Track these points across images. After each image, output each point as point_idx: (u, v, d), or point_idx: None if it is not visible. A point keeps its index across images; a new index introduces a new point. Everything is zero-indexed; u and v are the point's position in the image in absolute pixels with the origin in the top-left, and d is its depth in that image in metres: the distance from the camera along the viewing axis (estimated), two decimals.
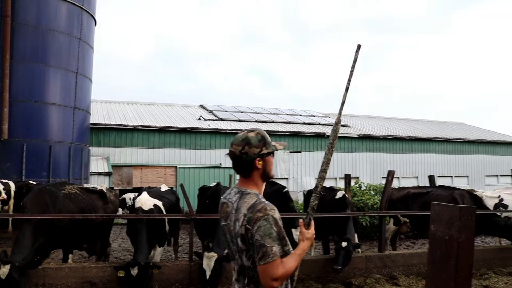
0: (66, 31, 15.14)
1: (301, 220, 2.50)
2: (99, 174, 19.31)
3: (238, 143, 2.47)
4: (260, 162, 2.45)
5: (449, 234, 1.40)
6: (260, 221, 2.24)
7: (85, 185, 8.45)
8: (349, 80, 2.56)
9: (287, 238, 2.35)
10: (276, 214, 2.29)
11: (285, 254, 2.29)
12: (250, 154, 2.44)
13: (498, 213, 9.33)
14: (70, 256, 7.26)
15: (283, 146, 2.60)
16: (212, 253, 6.61)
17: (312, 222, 2.51)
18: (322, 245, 9.40)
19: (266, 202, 2.35)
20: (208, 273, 6.52)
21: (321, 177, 2.55)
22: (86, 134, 17.14)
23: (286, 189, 9.23)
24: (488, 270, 8.41)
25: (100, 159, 20.35)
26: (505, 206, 9.66)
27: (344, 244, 7.28)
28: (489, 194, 10.56)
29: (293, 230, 7.56)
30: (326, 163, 2.58)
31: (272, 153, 2.51)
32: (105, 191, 8.16)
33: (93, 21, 17.03)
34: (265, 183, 2.57)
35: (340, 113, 2.61)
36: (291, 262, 2.28)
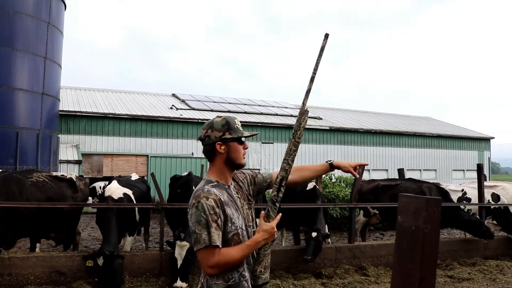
0: (34, 14, 14.71)
1: (262, 212, 2.44)
2: (68, 162, 18.95)
3: (204, 127, 2.47)
4: (223, 147, 2.41)
5: (416, 225, 1.43)
6: (192, 208, 2.26)
7: (54, 173, 8.26)
8: (315, 69, 2.44)
9: (229, 231, 2.31)
10: (208, 202, 2.24)
11: (211, 244, 2.21)
12: (211, 137, 2.41)
13: (462, 207, 9.61)
14: (38, 245, 7.13)
15: (252, 134, 2.55)
16: (184, 243, 6.61)
17: (276, 216, 2.42)
18: (292, 236, 9.49)
19: (206, 188, 2.31)
20: (179, 262, 6.52)
21: (283, 168, 2.43)
22: (55, 121, 16.77)
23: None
24: (453, 261, 8.66)
25: (69, 147, 19.97)
26: (468, 200, 9.95)
27: (314, 234, 7.36)
28: (453, 188, 10.87)
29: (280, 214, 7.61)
30: (288, 154, 2.45)
31: (238, 140, 2.43)
32: (75, 179, 8.01)
33: (62, 5, 16.60)
34: (233, 171, 2.51)
35: (304, 103, 2.46)
36: (233, 252, 2.26)
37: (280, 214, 2.48)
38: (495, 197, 10.00)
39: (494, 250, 9.40)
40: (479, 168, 9.74)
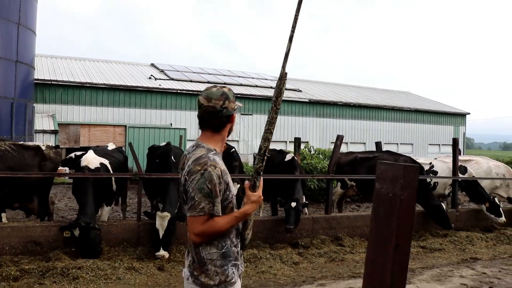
0: None
1: (247, 182, 2.46)
2: (44, 132, 18.61)
3: (217, 97, 2.40)
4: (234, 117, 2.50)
5: (393, 191, 1.44)
6: (196, 174, 2.24)
7: (22, 142, 7.96)
8: (293, 28, 2.32)
9: (226, 199, 2.36)
10: (216, 172, 2.26)
11: (214, 213, 2.25)
12: (229, 108, 2.43)
13: (428, 180, 9.82)
14: (3, 215, 6.94)
15: (241, 105, 2.60)
16: (165, 213, 6.62)
17: (260, 184, 2.46)
18: (270, 207, 9.57)
19: (212, 158, 2.31)
20: (161, 233, 6.53)
21: (265, 138, 2.42)
22: (30, 90, 16.36)
23: (233, 149, 9.28)
24: (426, 232, 8.88)
25: (45, 117, 19.58)
26: (435, 173, 10.14)
27: (293, 204, 7.43)
28: (421, 161, 11.10)
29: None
30: (269, 123, 2.42)
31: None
32: (44, 147, 7.76)
33: None
34: None
35: (284, 66, 2.37)
36: (222, 222, 2.28)
37: (262, 179, 2.50)
38: (462, 169, 10.23)
39: (465, 222, 9.67)
40: (455, 142, 9.91)
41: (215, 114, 2.40)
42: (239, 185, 8.69)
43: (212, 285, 2.30)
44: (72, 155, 15.36)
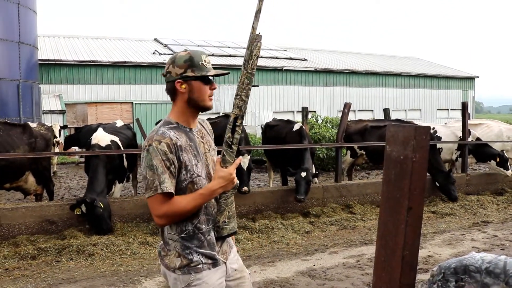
0: None
1: (219, 157, 2.23)
2: (52, 112, 18.69)
3: (168, 61, 2.24)
4: (183, 86, 2.18)
5: (404, 154, 1.42)
6: (144, 151, 2.11)
7: (7, 120, 7.80)
8: None
9: (184, 179, 2.16)
10: (160, 146, 2.07)
11: (164, 191, 2.07)
12: (172, 74, 2.19)
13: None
14: None
15: (220, 74, 2.24)
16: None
17: (233, 160, 2.20)
18: (280, 177, 9.60)
19: (161, 131, 2.14)
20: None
21: (236, 105, 2.16)
22: (35, 70, 16.35)
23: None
24: (436, 197, 8.88)
25: (52, 97, 19.62)
26: (438, 138, 10.05)
27: (303, 174, 7.43)
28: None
29: (241, 157, 7.64)
30: (241, 89, 2.16)
31: (201, 79, 2.19)
32: (35, 125, 7.64)
33: None
34: (198, 112, 2.28)
35: (254, 26, 2.13)
36: (185, 202, 2.10)
37: (240, 157, 2.30)
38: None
39: (475, 186, 9.65)
40: (464, 106, 9.81)
41: (164, 79, 2.25)
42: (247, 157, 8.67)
43: (173, 268, 2.18)
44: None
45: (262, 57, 25.61)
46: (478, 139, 10.12)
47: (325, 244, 6.20)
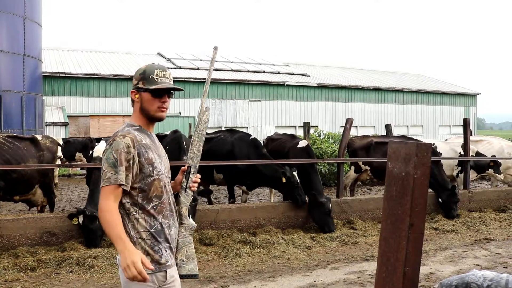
0: None
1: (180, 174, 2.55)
2: (54, 124, 18.77)
3: None
4: (137, 96, 2.38)
5: (406, 170, 1.43)
6: (107, 146, 2.25)
7: (16, 134, 7.88)
8: (208, 78, 2.61)
9: (149, 175, 2.28)
10: (124, 140, 2.21)
11: (118, 183, 2.17)
12: (132, 83, 2.44)
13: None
14: None
15: (168, 88, 2.37)
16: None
17: (188, 203, 2.49)
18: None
19: (126, 129, 2.30)
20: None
21: (190, 157, 2.53)
22: (39, 83, 16.46)
23: (252, 136, 8.94)
24: (438, 214, 8.84)
25: (55, 109, 19.71)
26: (439, 154, 10.03)
27: (330, 205, 7.50)
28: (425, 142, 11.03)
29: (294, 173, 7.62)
30: (193, 145, 2.52)
31: (151, 92, 2.33)
32: (40, 137, 7.75)
33: None
34: (152, 123, 2.44)
35: (202, 102, 2.58)
36: (113, 222, 2.15)
37: (191, 205, 2.57)
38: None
39: (478, 203, 9.61)
40: (465, 122, 9.81)
41: None
42: None
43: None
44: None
45: (264, 72, 25.75)
46: (477, 153, 10.17)
47: (326, 260, 6.17)
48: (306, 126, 10.10)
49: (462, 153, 10.10)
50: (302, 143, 8.65)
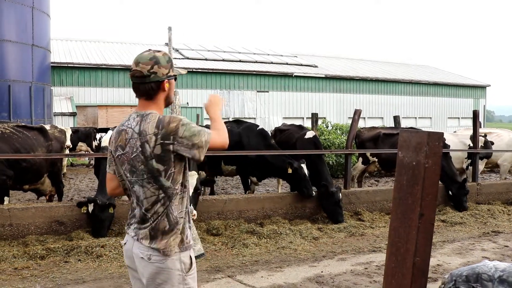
0: None
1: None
2: (63, 114, 18.85)
3: (146, 61, 2.30)
4: (167, 85, 2.36)
5: (416, 159, 1.41)
6: (179, 129, 2.22)
7: (24, 124, 7.91)
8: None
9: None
10: (184, 117, 2.32)
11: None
12: (159, 74, 2.31)
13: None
14: (6, 198, 6.83)
15: (185, 72, 2.58)
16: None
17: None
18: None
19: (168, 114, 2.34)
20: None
21: None
22: (47, 73, 16.52)
23: (260, 126, 8.90)
24: (446, 206, 8.80)
25: (63, 99, 19.79)
26: (447, 147, 9.95)
27: (340, 195, 7.50)
28: None
29: (301, 165, 7.60)
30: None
31: (176, 77, 2.44)
32: (48, 127, 7.76)
33: None
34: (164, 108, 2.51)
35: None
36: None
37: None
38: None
39: (486, 195, 9.54)
40: (475, 114, 9.72)
41: (143, 79, 2.31)
42: None
43: (172, 250, 2.34)
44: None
45: (272, 62, 25.65)
46: (485, 142, 10.15)
47: (333, 251, 6.17)
48: (314, 117, 10.07)
49: (471, 145, 10.03)
50: (309, 134, 8.62)
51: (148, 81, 2.31)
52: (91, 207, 6.30)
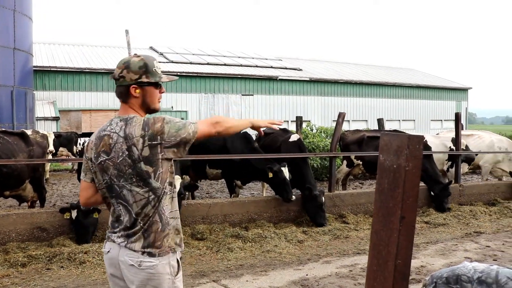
0: None
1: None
2: (45, 119, 18.62)
3: (120, 65, 2.32)
4: (138, 91, 2.31)
5: (397, 163, 1.42)
6: (164, 128, 2.22)
7: (5, 129, 7.80)
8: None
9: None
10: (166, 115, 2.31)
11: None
12: (127, 79, 2.29)
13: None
14: None
15: (172, 79, 2.44)
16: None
17: None
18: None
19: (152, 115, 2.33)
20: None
21: None
22: (30, 77, 16.31)
23: (244, 130, 8.91)
24: (429, 208, 8.89)
25: (46, 104, 19.56)
26: (428, 148, 10.05)
27: (323, 198, 7.51)
28: None
29: (282, 168, 7.55)
30: None
31: (155, 85, 2.35)
32: (30, 132, 7.65)
33: None
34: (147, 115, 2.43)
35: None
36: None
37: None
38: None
39: (468, 196, 9.67)
40: (457, 116, 9.86)
41: (116, 82, 2.35)
42: None
43: (169, 248, 2.36)
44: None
45: (257, 66, 25.69)
46: (466, 147, 10.29)
47: (318, 254, 6.18)
48: (299, 120, 10.10)
49: (453, 147, 10.16)
50: (294, 137, 8.64)
51: (118, 85, 2.34)
52: (74, 213, 6.22)
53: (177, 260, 2.34)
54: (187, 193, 8.41)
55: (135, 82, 2.30)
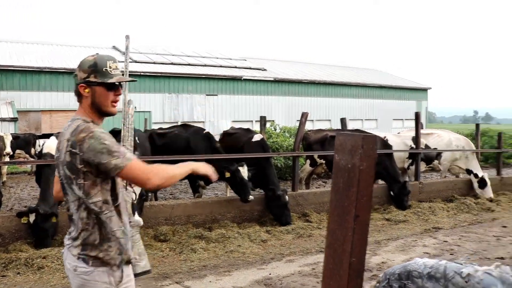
0: None
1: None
2: (2, 120, 17.99)
3: (77, 64, 2.30)
4: (87, 90, 2.24)
5: (352, 162, 1.44)
6: (86, 141, 2.10)
7: None
8: (126, 68, 2.75)
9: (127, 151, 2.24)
10: (105, 131, 2.17)
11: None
12: (78, 77, 2.25)
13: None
14: None
15: (122, 80, 2.30)
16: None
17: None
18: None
19: (91, 125, 2.19)
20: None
21: None
22: None
23: (206, 130, 8.88)
24: (390, 205, 9.08)
25: (3, 104, 18.90)
26: (390, 147, 10.29)
27: (287, 197, 7.58)
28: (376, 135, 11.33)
29: (240, 168, 7.50)
30: (124, 141, 2.79)
31: (106, 86, 2.24)
32: None
33: None
34: (103, 117, 2.33)
35: (125, 94, 2.84)
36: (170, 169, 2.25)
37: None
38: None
39: (428, 193, 9.94)
40: (417, 116, 10.12)
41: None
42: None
43: (113, 264, 2.27)
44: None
45: (221, 66, 25.62)
46: (426, 146, 10.57)
47: (281, 253, 6.22)
48: (263, 120, 10.13)
49: (413, 146, 10.41)
50: (257, 137, 8.64)
51: (75, 84, 2.30)
52: (32, 217, 6.03)
53: (122, 271, 2.25)
54: (149, 194, 8.30)
55: (83, 81, 2.24)
